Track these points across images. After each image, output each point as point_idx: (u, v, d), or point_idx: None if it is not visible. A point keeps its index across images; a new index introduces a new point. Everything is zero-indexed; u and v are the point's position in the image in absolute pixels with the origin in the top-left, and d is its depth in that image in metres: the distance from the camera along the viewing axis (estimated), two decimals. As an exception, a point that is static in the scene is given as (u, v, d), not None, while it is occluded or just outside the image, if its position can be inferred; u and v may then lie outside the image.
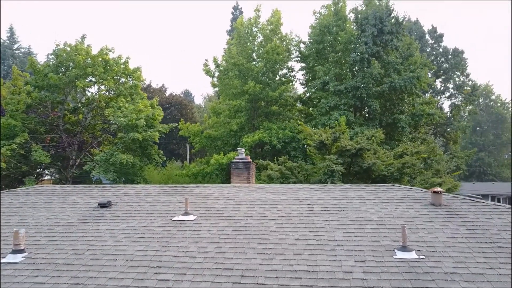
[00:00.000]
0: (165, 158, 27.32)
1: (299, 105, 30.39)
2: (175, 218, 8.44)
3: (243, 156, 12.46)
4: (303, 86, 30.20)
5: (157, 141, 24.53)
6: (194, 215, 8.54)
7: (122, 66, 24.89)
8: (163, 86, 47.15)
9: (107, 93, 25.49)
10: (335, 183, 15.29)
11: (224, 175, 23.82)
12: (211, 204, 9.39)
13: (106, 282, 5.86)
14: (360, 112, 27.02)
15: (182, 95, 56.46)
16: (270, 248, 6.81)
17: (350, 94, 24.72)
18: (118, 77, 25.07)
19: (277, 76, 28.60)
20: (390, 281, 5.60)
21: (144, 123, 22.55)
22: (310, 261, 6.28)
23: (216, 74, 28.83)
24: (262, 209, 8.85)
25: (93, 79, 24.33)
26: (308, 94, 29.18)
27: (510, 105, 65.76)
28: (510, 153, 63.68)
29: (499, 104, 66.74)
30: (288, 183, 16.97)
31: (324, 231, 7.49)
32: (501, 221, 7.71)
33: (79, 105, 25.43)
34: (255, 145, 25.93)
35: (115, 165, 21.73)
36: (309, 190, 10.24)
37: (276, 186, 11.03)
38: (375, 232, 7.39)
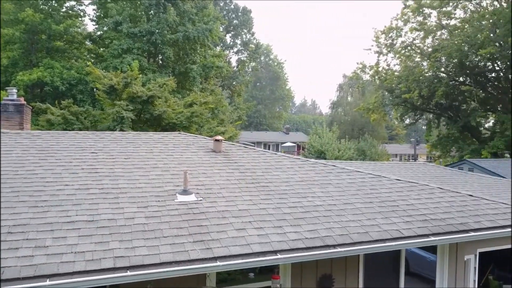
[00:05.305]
0: None
1: (89, 43, 27.70)
2: None
3: (15, 97, 10.81)
4: (94, 23, 27.55)
5: None
6: None
7: None
8: None
9: None
10: (125, 130, 14.94)
11: (-11, 118, 20.08)
12: (-32, 153, 7.85)
13: None
14: (153, 58, 26.67)
15: None
16: (45, 201, 6.26)
17: (144, 39, 24.00)
18: None
19: (63, 7, 25.12)
20: (169, 223, 6.01)
21: None
22: (91, 211, 6.10)
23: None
24: (37, 159, 7.95)
25: None
26: (99, 33, 26.82)
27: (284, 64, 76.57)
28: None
29: (276, 64, 76.67)
30: (73, 129, 15.66)
31: (108, 179, 7.34)
32: (266, 164, 9.15)
33: None
34: (33, 85, 22.60)
35: None
36: (94, 138, 9.73)
37: (56, 133, 10.04)
38: (159, 178, 7.68)
